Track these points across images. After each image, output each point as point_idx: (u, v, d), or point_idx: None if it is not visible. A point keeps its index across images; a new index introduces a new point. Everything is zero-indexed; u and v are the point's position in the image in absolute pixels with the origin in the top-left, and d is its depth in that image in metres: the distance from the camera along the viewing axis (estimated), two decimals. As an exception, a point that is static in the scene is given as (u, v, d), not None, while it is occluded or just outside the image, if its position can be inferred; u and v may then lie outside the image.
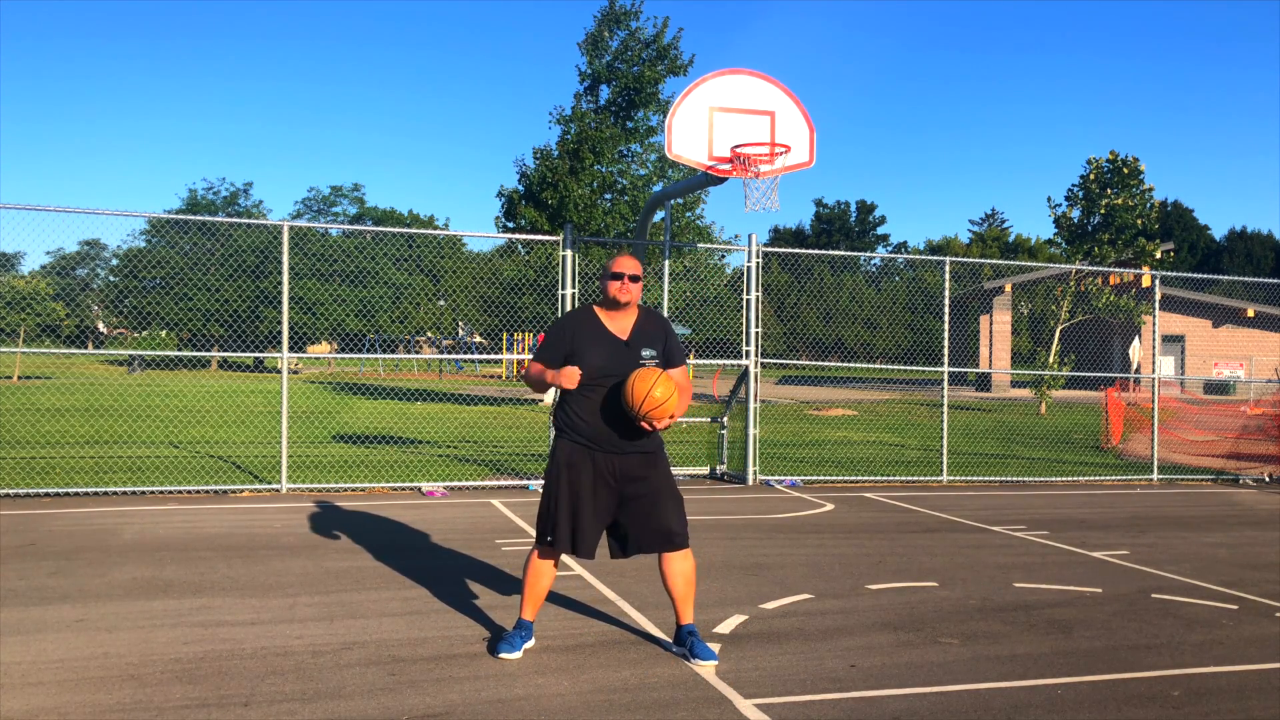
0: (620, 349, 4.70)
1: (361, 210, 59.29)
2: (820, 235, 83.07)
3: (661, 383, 4.48)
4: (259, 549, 7.19)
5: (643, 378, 4.49)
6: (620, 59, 24.44)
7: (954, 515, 9.56)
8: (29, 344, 30.97)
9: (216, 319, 42.40)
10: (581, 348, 4.68)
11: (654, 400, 4.47)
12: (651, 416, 4.51)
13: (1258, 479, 13.34)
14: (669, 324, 4.94)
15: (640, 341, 4.75)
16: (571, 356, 4.69)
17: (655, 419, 4.53)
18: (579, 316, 4.81)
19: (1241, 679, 4.67)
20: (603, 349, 4.68)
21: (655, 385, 4.46)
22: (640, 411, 4.48)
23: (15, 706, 4.01)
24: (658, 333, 4.84)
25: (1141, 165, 26.60)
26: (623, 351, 4.69)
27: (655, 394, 4.47)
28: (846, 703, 4.25)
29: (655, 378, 4.49)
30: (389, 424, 18.86)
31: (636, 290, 4.79)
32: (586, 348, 4.67)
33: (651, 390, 4.46)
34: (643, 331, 4.79)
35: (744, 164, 10.62)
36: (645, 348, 4.74)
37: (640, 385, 4.47)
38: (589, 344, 4.68)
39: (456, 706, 4.12)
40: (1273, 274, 74.08)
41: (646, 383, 4.47)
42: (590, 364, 4.64)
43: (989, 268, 40.35)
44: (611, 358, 4.67)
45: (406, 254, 43.11)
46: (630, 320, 4.78)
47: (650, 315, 4.90)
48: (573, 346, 4.71)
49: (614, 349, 4.69)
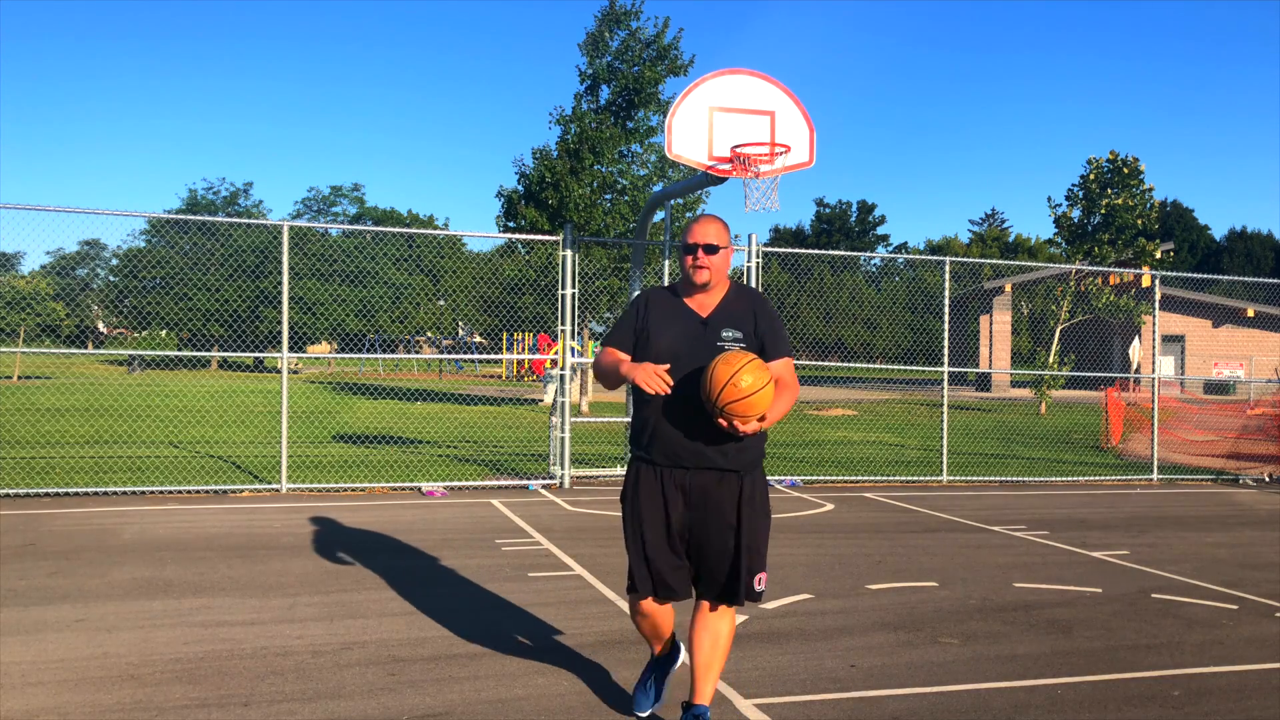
0: (696, 328, 3.82)
1: (361, 210, 59.29)
2: (820, 235, 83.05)
3: (751, 369, 3.54)
4: (259, 549, 7.19)
5: (727, 360, 3.57)
6: (620, 59, 24.43)
7: (954, 515, 9.56)
8: (29, 344, 30.97)
9: (216, 319, 42.40)
10: (652, 325, 3.86)
11: (738, 389, 3.50)
12: (732, 411, 3.52)
13: (1258, 479, 13.34)
14: (769, 305, 3.95)
15: (723, 321, 3.84)
16: (643, 337, 3.88)
17: (738, 416, 3.53)
18: (657, 292, 4.01)
19: (1241, 679, 4.67)
20: (675, 327, 3.83)
21: (742, 370, 3.52)
22: (718, 403, 3.52)
23: (15, 706, 4.01)
24: (745, 311, 3.89)
25: (1141, 165, 26.61)
26: (698, 331, 3.80)
27: (741, 382, 3.50)
28: (846, 703, 4.25)
29: (743, 361, 3.56)
30: (389, 424, 18.86)
31: (718, 264, 3.87)
32: (657, 326, 3.85)
33: (737, 376, 3.50)
34: (728, 310, 3.88)
35: (744, 164, 10.62)
36: (729, 328, 3.83)
37: (722, 369, 3.54)
38: (660, 322, 3.86)
39: (456, 706, 4.12)
40: (1273, 274, 74.08)
41: (731, 366, 3.54)
42: (657, 345, 3.80)
43: (989, 268, 40.36)
44: (683, 338, 3.79)
45: (406, 254, 43.12)
46: (716, 297, 3.90)
47: (743, 292, 3.97)
48: (645, 324, 3.90)
49: (688, 328, 3.82)
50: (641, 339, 3.86)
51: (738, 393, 3.50)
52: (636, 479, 3.84)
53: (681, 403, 3.69)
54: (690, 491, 3.77)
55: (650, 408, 3.77)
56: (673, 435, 3.75)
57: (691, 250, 3.83)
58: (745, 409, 3.52)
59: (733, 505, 3.77)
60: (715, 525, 3.76)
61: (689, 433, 3.73)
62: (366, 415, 20.93)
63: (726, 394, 3.50)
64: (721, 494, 3.76)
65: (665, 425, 3.76)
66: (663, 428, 3.77)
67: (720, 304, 3.89)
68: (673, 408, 3.73)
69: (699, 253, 3.82)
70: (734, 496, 3.77)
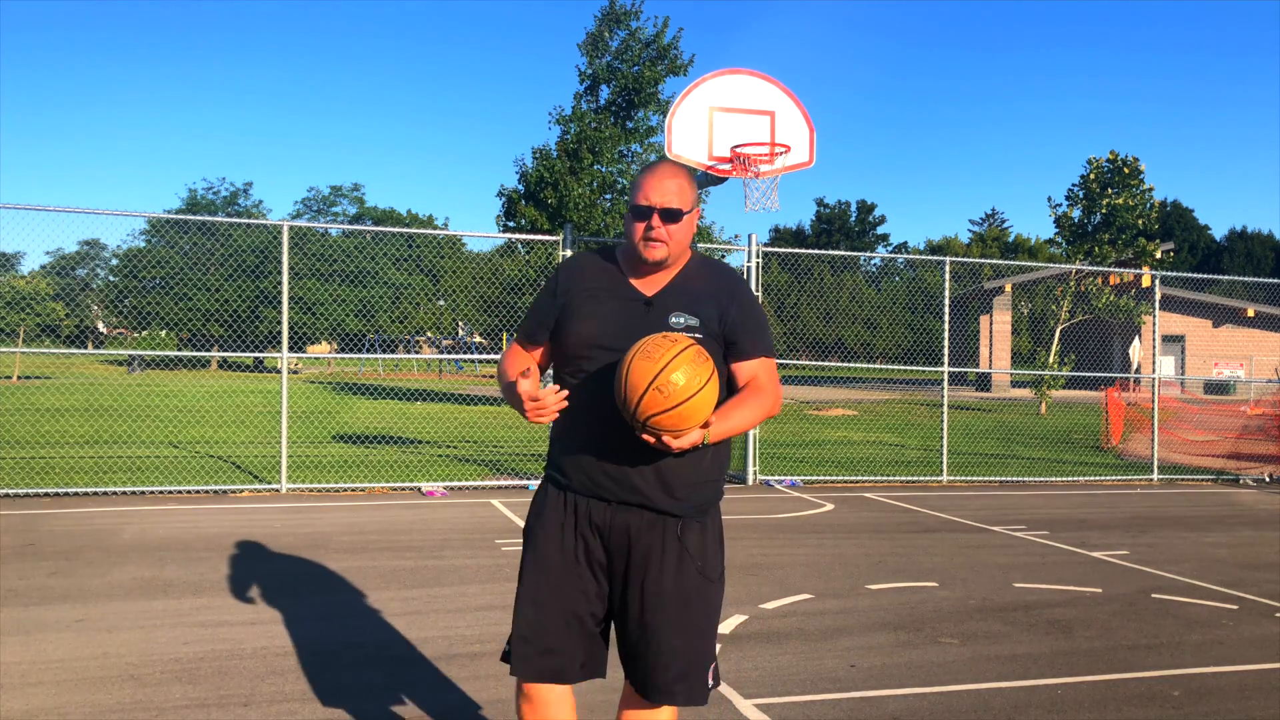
0: (634, 309, 2.68)
1: (361, 210, 59.30)
2: (820, 235, 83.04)
3: (685, 360, 2.43)
4: (259, 549, 7.18)
5: (648, 351, 2.44)
6: (620, 59, 24.44)
7: (954, 515, 9.55)
8: (29, 344, 30.97)
9: (216, 319, 42.38)
10: (574, 304, 2.71)
11: (664, 394, 2.40)
12: (658, 425, 2.43)
13: (1258, 479, 13.34)
14: (746, 287, 2.81)
15: (674, 301, 2.68)
16: (562, 324, 2.73)
17: (666, 431, 2.44)
18: (585, 259, 2.83)
19: (1241, 679, 4.67)
20: (604, 307, 2.69)
21: (671, 365, 2.41)
22: (638, 413, 2.43)
23: (15, 706, 4.01)
24: (708, 292, 2.72)
25: (1141, 165, 26.61)
26: (637, 314, 2.66)
27: (671, 381, 2.40)
28: (846, 703, 4.25)
29: (674, 351, 2.44)
30: (389, 424, 18.85)
31: (681, 234, 2.69)
32: (580, 304, 2.70)
33: (664, 374, 2.40)
34: (684, 288, 2.71)
35: (744, 164, 10.63)
36: (680, 311, 2.67)
37: (641, 364, 2.42)
38: (585, 299, 2.71)
39: (456, 706, 4.12)
40: (1273, 274, 74.07)
41: (653, 359, 2.42)
42: (577, 331, 2.67)
43: (989, 268, 40.36)
44: (614, 323, 2.65)
45: (406, 254, 43.11)
46: (671, 272, 2.74)
47: (710, 268, 2.80)
48: (564, 304, 2.73)
49: (623, 309, 2.68)
50: (557, 327, 2.73)
51: (664, 399, 2.39)
52: (542, 506, 2.75)
53: (603, 413, 2.57)
54: (609, 534, 2.65)
55: (570, 407, 2.61)
56: (591, 454, 2.64)
57: (644, 214, 2.64)
58: (676, 421, 2.42)
59: (672, 565, 2.64)
60: (643, 590, 2.64)
61: (613, 452, 2.61)
62: (366, 415, 20.93)
63: (650, 402, 2.40)
64: (651, 544, 2.63)
65: (582, 438, 2.65)
66: (578, 441, 2.66)
67: (675, 280, 2.72)
68: (595, 416, 2.60)
69: (654, 219, 2.63)
70: (674, 553, 2.64)
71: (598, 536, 2.67)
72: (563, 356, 2.74)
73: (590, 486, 2.66)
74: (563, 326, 2.72)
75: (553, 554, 2.68)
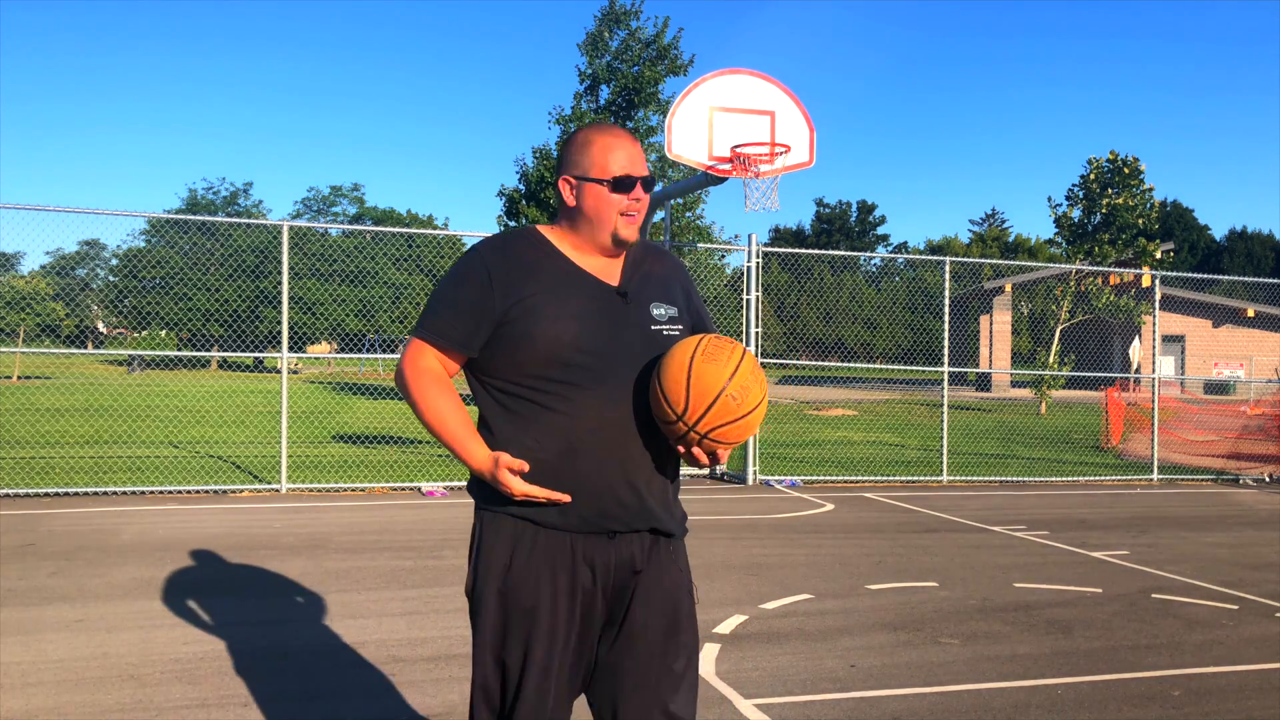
0: (610, 303, 2.36)
1: (361, 210, 59.29)
2: (820, 235, 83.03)
3: (750, 362, 2.24)
4: (259, 549, 7.19)
5: (713, 352, 2.21)
6: (620, 59, 24.43)
7: (954, 515, 9.55)
8: (29, 344, 30.96)
9: (216, 319, 42.38)
10: (533, 301, 2.30)
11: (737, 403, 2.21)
12: (720, 438, 2.23)
13: (1258, 479, 13.34)
14: (685, 268, 2.59)
15: (647, 292, 2.42)
16: (508, 325, 2.30)
17: (725, 445, 2.26)
18: (513, 242, 2.39)
19: (1241, 679, 4.67)
20: (572, 306, 2.32)
21: (738, 373, 2.21)
22: (702, 425, 2.20)
23: (15, 706, 4.01)
24: (666, 276, 2.49)
25: (1142, 165, 26.62)
26: (615, 308, 2.36)
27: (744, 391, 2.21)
28: (846, 703, 4.25)
29: (737, 353, 2.23)
30: (389, 424, 18.85)
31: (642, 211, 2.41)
32: (544, 300, 2.30)
33: (734, 384, 2.20)
34: (645, 274, 2.45)
35: (744, 164, 10.62)
36: (657, 302, 2.42)
37: (708, 368, 2.19)
38: (548, 293, 2.31)
39: (456, 706, 4.12)
40: (1273, 274, 74.06)
41: (720, 362, 2.20)
42: (555, 333, 2.28)
43: (989, 268, 40.36)
44: (595, 323, 2.32)
45: (406, 254, 43.09)
46: (619, 258, 2.44)
47: (651, 250, 2.53)
48: (508, 301, 2.30)
49: (597, 306, 2.34)
50: (506, 330, 2.30)
51: (736, 408, 2.19)
52: (512, 553, 2.30)
53: (612, 427, 2.28)
54: (610, 572, 2.32)
55: (553, 430, 2.27)
56: (596, 482, 2.28)
57: (626, 186, 2.34)
58: (741, 432, 2.23)
59: (670, 588, 2.38)
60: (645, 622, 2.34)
61: (626, 475, 2.30)
62: (366, 415, 20.93)
63: (721, 411, 2.18)
64: (652, 570, 2.36)
65: (580, 464, 2.27)
66: (573, 468, 2.27)
67: (629, 265, 2.43)
68: (600, 437, 2.28)
69: (637, 189, 2.35)
70: (671, 575, 2.39)
71: (596, 583, 2.32)
72: (520, 367, 2.29)
73: (594, 521, 2.28)
74: (518, 331, 2.27)
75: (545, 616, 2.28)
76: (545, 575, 2.28)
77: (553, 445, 2.27)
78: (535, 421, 2.29)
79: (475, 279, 2.32)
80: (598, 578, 2.32)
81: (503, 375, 2.34)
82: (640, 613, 2.34)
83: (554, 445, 2.27)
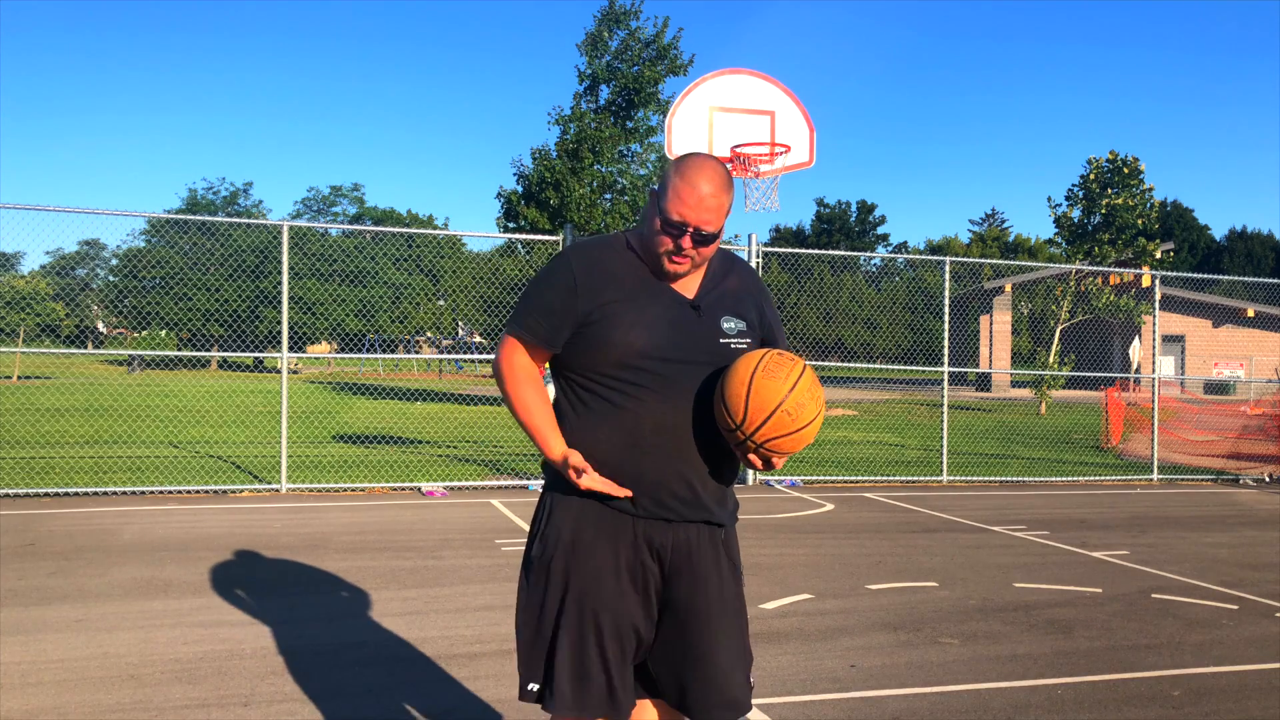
0: (684, 315, 2.51)
1: (361, 210, 59.28)
2: (820, 235, 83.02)
3: (808, 380, 2.43)
4: (259, 549, 7.19)
5: (773, 369, 2.39)
6: (620, 59, 24.43)
7: (954, 515, 9.56)
8: (29, 344, 30.96)
9: (216, 319, 42.38)
10: (612, 309, 2.46)
11: (793, 418, 2.40)
12: (775, 447, 2.43)
13: (1258, 479, 13.34)
14: (764, 284, 2.74)
15: (720, 305, 2.57)
16: (589, 329, 2.47)
17: (780, 454, 2.47)
18: (601, 250, 2.55)
19: (1241, 679, 4.67)
20: (650, 312, 2.48)
21: (797, 388, 2.40)
22: (758, 435, 2.40)
23: (15, 706, 4.01)
24: (743, 292, 2.63)
25: (1141, 165, 26.63)
26: (688, 320, 2.51)
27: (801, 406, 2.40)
28: (846, 703, 4.25)
29: (796, 371, 2.42)
30: (389, 424, 18.85)
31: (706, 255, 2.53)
32: (623, 309, 2.47)
33: (792, 398, 2.39)
34: (721, 289, 2.59)
35: (744, 164, 10.63)
36: (729, 315, 2.56)
37: (768, 384, 2.37)
38: (626, 303, 2.48)
39: (456, 706, 4.12)
40: (1273, 274, 74.08)
41: (780, 380, 2.38)
42: (628, 341, 2.45)
43: (989, 268, 40.37)
44: (668, 333, 2.48)
45: (406, 254, 43.10)
46: (699, 271, 2.57)
47: (731, 263, 2.68)
48: (591, 306, 2.47)
49: (673, 314, 2.50)
50: (586, 332, 2.47)
51: (792, 422, 2.39)
52: (579, 526, 2.49)
53: (675, 429, 2.47)
54: (668, 554, 2.52)
55: (620, 427, 2.46)
56: (656, 475, 2.47)
57: (676, 231, 2.43)
58: (796, 444, 2.44)
59: (726, 576, 2.59)
60: (706, 606, 2.54)
61: (682, 470, 2.48)
62: (366, 415, 20.93)
63: (777, 424, 2.38)
64: (706, 557, 2.56)
65: (651, 459, 2.46)
66: (648, 463, 2.46)
67: (707, 278, 2.58)
68: (665, 436, 2.46)
69: (685, 240, 2.44)
70: (726, 563, 2.60)
71: (656, 559, 2.51)
72: (595, 366, 2.48)
73: (655, 509, 2.48)
74: (596, 333, 2.46)
75: (608, 579, 2.47)
76: (608, 549, 2.48)
77: (618, 440, 2.47)
78: (604, 417, 2.48)
79: (562, 283, 2.50)
80: (657, 555, 2.51)
81: (579, 370, 2.53)
82: (696, 594, 2.53)
83: (619, 440, 2.47)
